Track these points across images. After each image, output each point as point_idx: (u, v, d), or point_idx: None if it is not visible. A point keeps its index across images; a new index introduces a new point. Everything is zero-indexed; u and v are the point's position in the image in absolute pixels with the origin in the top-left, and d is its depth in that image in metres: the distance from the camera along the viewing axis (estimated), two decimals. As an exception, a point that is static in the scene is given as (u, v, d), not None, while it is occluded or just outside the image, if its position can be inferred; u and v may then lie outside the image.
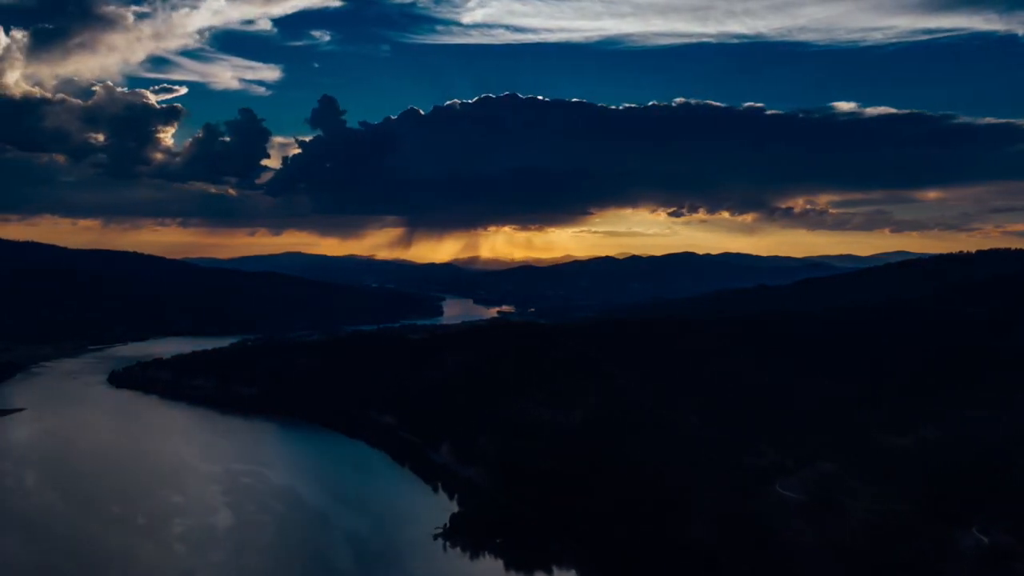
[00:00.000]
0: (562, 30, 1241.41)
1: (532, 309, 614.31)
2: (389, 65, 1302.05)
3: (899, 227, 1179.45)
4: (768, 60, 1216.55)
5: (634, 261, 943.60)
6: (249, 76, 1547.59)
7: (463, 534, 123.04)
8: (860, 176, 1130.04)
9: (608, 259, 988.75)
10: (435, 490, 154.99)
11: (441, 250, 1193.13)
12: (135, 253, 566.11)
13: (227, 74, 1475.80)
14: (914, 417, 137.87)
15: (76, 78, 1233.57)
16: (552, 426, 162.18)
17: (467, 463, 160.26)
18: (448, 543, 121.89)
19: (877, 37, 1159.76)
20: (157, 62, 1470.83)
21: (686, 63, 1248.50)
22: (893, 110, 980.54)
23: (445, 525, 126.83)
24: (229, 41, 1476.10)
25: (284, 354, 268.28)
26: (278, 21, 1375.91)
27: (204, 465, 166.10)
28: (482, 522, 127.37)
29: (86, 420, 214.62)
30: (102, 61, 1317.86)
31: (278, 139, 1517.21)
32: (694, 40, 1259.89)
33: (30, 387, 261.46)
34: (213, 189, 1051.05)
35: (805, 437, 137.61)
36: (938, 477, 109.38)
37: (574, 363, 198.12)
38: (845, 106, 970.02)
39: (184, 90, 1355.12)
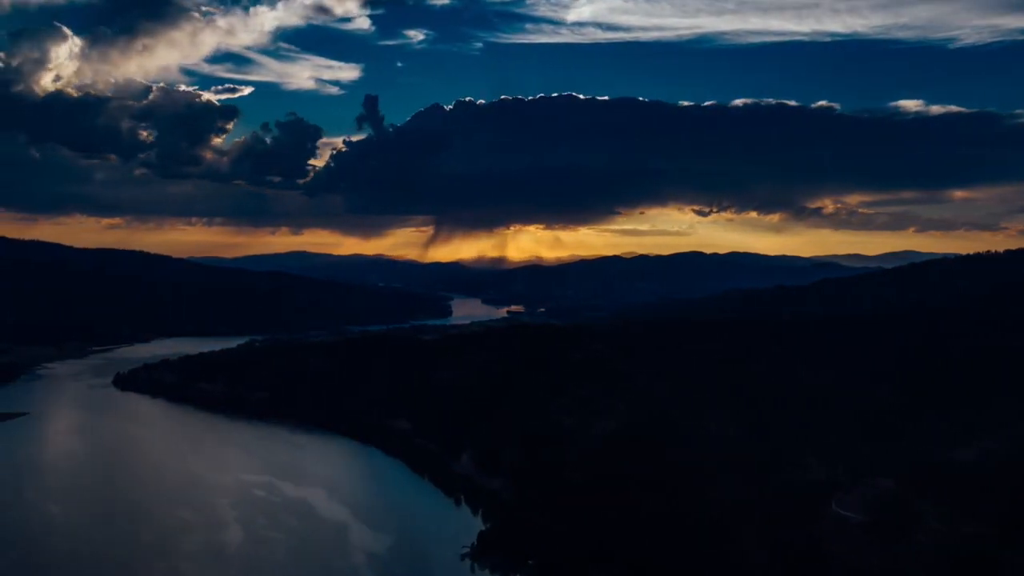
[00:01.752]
0: (657, 28, 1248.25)
1: (542, 309, 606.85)
2: (477, 64, 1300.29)
3: (924, 227, 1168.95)
4: (855, 58, 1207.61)
5: (642, 260, 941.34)
6: (326, 76, 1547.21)
7: (493, 555, 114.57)
8: (895, 175, 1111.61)
9: (616, 258, 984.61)
10: (457, 503, 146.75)
11: (464, 249, 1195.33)
12: (141, 252, 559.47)
13: (304, 73, 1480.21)
14: (972, 427, 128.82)
15: (137, 77, 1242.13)
16: (580, 435, 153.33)
17: (490, 474, 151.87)
18: (477, 565, 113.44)
19: (973, 36, 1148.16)
20: (236, 60, 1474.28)
21: (775, 62, 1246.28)
22: (960, 108, 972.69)
23: (473, 544, 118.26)
24: (311, 39, 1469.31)
25: (293, 356, 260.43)
26: (377, 19, 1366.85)
27: (213, 475, 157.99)
28: (513, 541, 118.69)
29: (90, 426, 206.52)
30: (166, 59, 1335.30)
31: (337, 140, 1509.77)
32: (787, 39, 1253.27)
33: (33, 390, 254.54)
34: (251, 189, 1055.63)
35: (855, 449, 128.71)
36: (1013, 496, 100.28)
37: (598, 367, 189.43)
38: (912, 104, 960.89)
39: (248, 90, 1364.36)
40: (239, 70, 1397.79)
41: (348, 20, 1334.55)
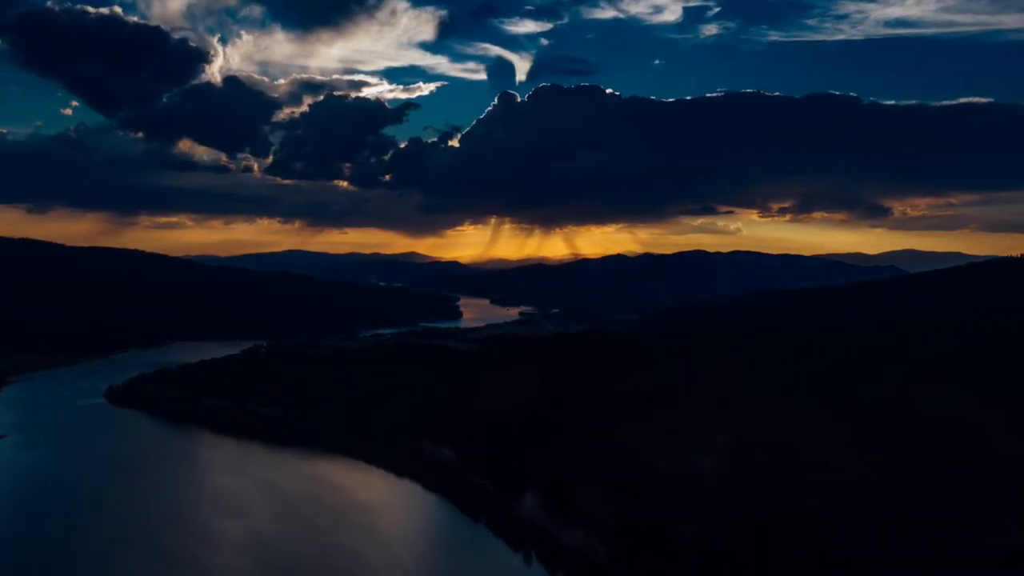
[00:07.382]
0: (947, 24, 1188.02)
1: (556, 310, 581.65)
2: (749, 60, 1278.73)
3: (986, 226, 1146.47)
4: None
5: (646, 259, 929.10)
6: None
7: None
8: (975, 176, 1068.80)
9: (620, 257, 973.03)
10: (528, 560, 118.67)
11: (525, 247, 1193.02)
12: (139, 252, 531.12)
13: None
14: None
15: (309, 73, 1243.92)
16: (677, 475, 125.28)
17: (567, 523, 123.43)
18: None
19: None
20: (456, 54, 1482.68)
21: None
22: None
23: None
24: (568, 34, 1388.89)
25: (308, 366, 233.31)
26: (688, 10, 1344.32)
27: (223, 524, 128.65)
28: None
29: (76, 455, 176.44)
30: (359, 54, 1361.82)
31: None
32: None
33: (15, 405, 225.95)
34: (349, 189, 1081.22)
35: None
36: None
37: (676, 386, 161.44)
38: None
39: (432, 88, 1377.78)
40: (454, 65, 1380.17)
41: (659, 11, 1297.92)
